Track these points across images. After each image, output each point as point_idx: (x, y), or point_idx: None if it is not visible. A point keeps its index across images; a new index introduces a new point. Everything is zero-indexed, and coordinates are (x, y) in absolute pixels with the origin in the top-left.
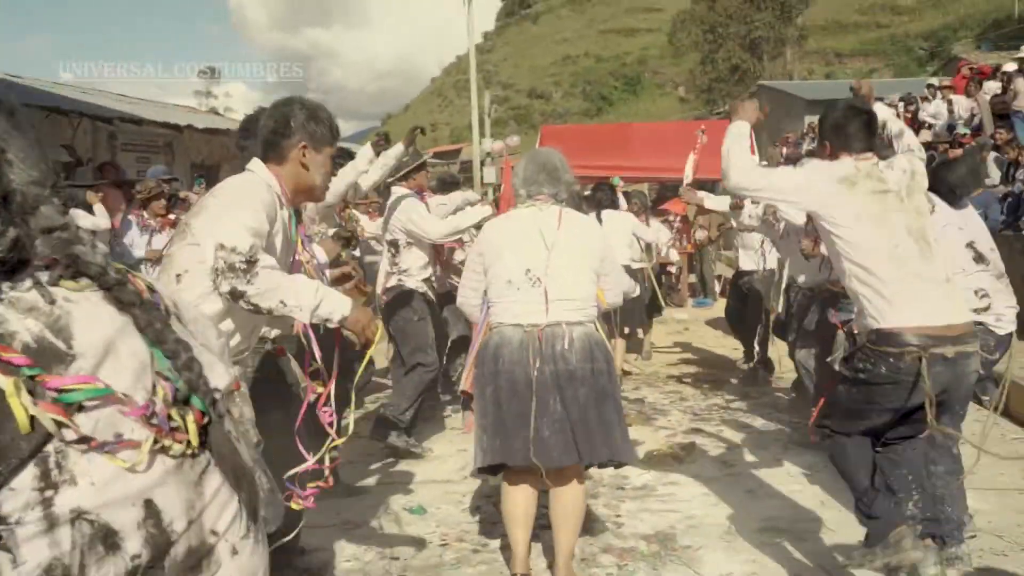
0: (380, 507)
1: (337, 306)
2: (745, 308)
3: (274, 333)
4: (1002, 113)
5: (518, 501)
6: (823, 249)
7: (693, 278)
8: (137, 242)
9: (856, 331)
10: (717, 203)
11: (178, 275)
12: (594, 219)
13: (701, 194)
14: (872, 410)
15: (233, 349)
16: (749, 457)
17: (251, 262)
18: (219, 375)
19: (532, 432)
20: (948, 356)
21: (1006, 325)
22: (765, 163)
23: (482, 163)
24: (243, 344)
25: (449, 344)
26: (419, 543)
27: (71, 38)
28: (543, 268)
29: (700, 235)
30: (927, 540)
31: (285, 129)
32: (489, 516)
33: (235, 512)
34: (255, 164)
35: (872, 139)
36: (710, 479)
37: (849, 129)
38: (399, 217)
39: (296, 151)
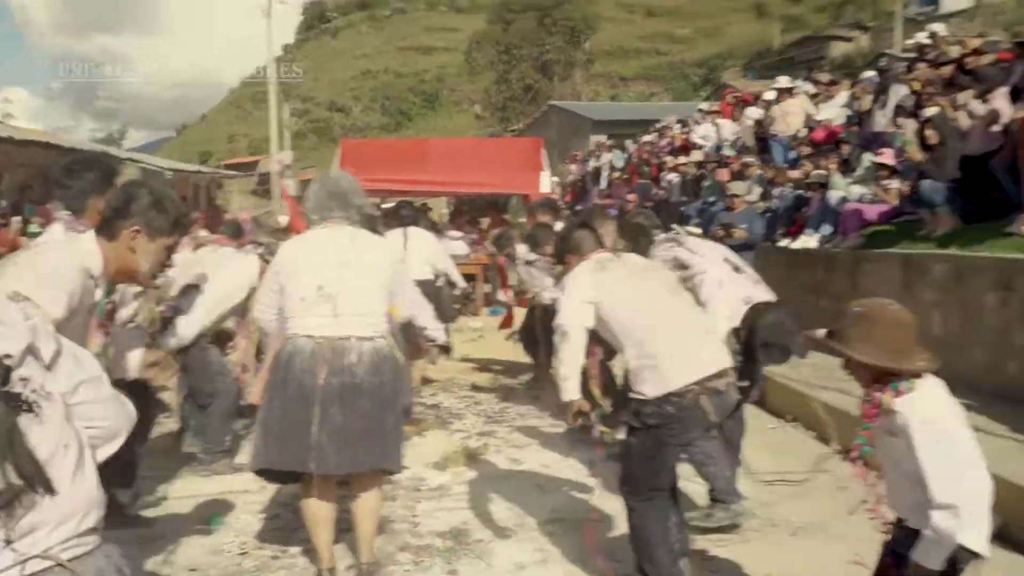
0: (178, 521)
1: None
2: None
3: None
4: (762, 136)
5: (318, 505)
6: None
7: (488, 287)
8: None
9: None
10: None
11: None
12: (385, 239)
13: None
14: (665, 451)
15: None
16: (538, 455)
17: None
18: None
19: (312, 439)
20: (720, 389)
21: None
22: (556, 179)
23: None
24: None
25: None
26: (217, 553)
27: None
28: (335, 285)
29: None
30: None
31: (124, 209)
32: (288, 523)
33: None
34: (88, 239)
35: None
36: (502, 477)
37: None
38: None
39: (128, 233)
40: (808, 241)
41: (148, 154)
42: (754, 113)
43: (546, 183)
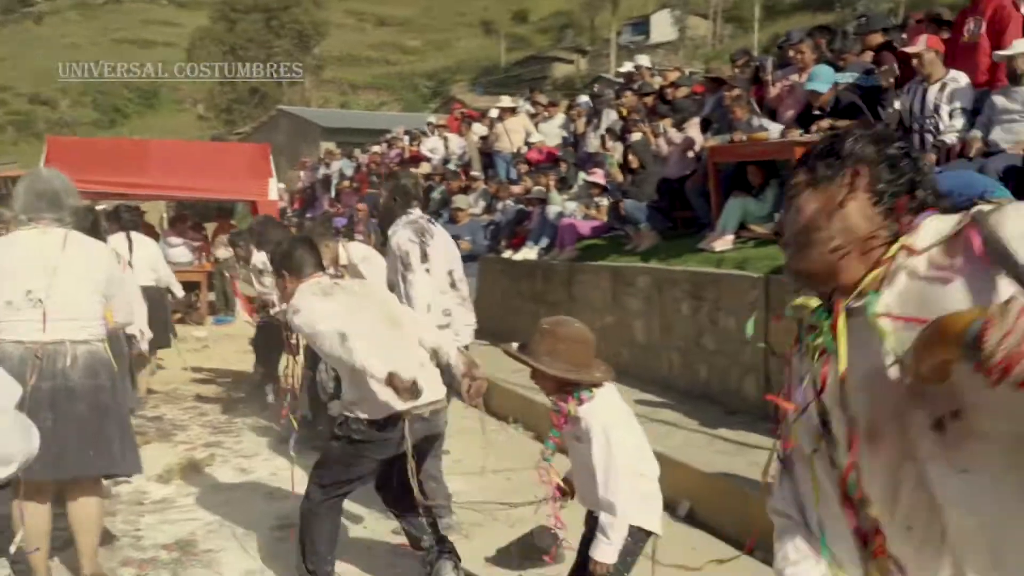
0: None
1: None
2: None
3: None
4: (486, 152)
5: (31, 517)
6: None
7: (213, 296)
8: None
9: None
10: None
11: None
12: (101, 242)
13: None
14: (363, 461)
15: None
16: (266, 464)
17: None
18: None
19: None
20: (425, 416)
21: (464, 339)
22: (283, 186)
23: None
24: None
25: None
26: None
27: None
28: (44, 289)
29: (220, 253)
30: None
31: None
32: None
33: None
34: None
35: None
36: (229, 487)
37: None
38: None
39: None
40: (529, 253)
41: None
42: (479, 129)
43: (274, 190)
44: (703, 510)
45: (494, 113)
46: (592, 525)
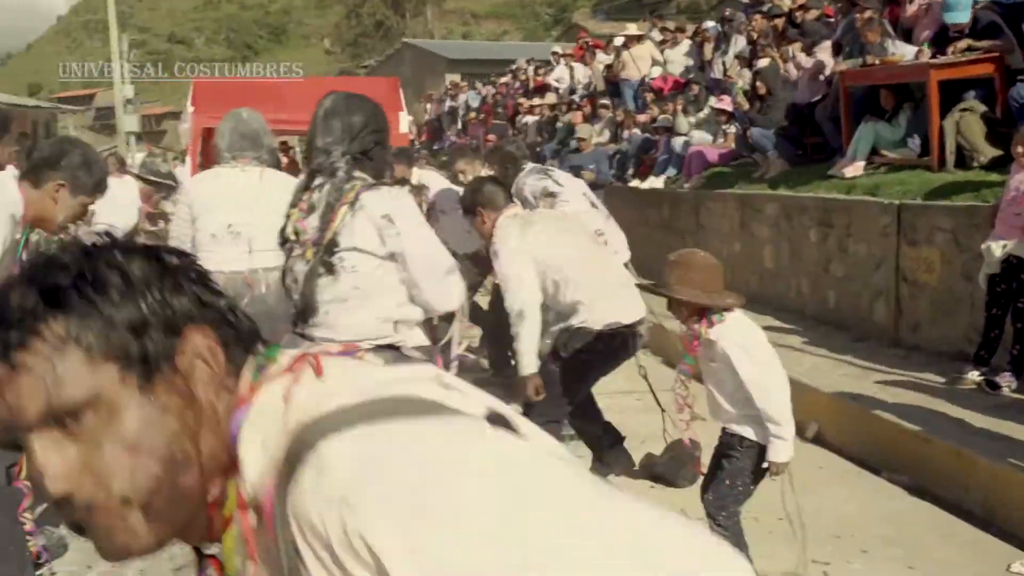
0: None
1: None
2: None
3: None
4: (612, 80)
5: None
6: None
7: None
8: None
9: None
10: None
11: None
12: (290, 177)
13: None
14: (591, 375)
15: None
16: None
17: None
18: None
19: None
20: (642, 333)
21: (624, 255)
22: (411, 119)
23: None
24: None
25: None
26: None
27: None
28: (245, 223)
29: None
30: None
31: (55, 162)
32: None
33: None
34: (8, 179)
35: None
36: None
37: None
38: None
39: (53, 185)
40: (655, 181)
41: None
42: (604, 58)
43: (405, 123)
44: (830, 432)
45: (619, 41)
46: (725, 441)
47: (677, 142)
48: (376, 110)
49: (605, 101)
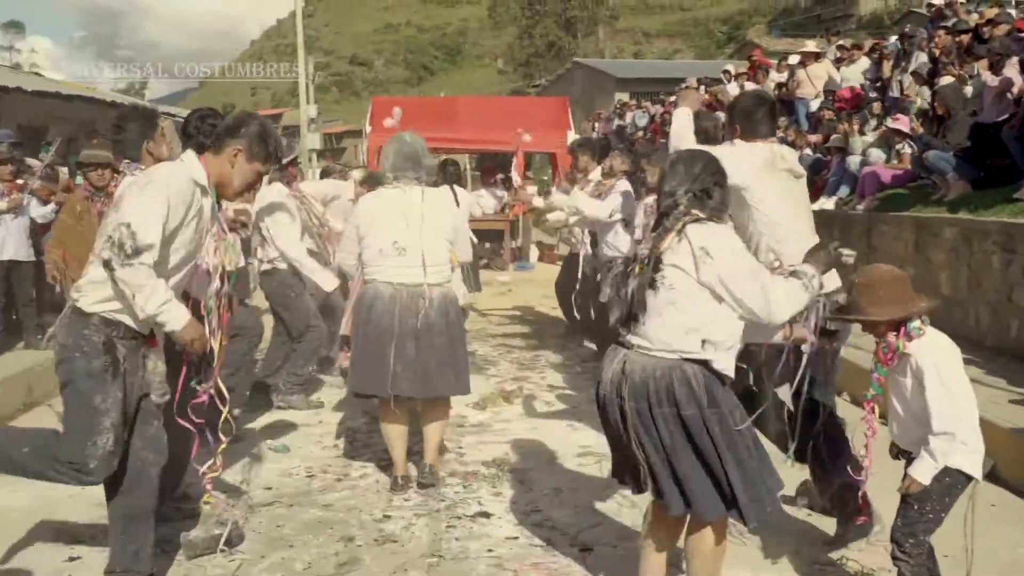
0: (250, 448)
1: (172, 320)
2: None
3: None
4: (785, 99)
5: (392, 425)
6: None
7: (515, 243)
8: None
9: None
10: (540, 202)
11: (98, 249)
12: (450, 194)
13: (530, 193)
14: None
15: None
16: (568, 397)
17: (137, 252)
18: None
19: (390, 369)
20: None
21: None
22: (579, 137)
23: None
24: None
25: None
26: (287, 475)
27: None
28: (407, 240)
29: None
30: None
31: (235, 130)
32: (346, 452)
33: None
34: (188, 156)
35: (775, 125)
36: (536, 416)
37: (757, 115)
38: (264, 216)
39: (231, 151)
40: (826, 203)
41: (173, 106)
42: (777, 76)
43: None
44: (1007, 469)
45: (794, 59)
46: (908, 462)
47: (852, 162)
48: (711, 157)
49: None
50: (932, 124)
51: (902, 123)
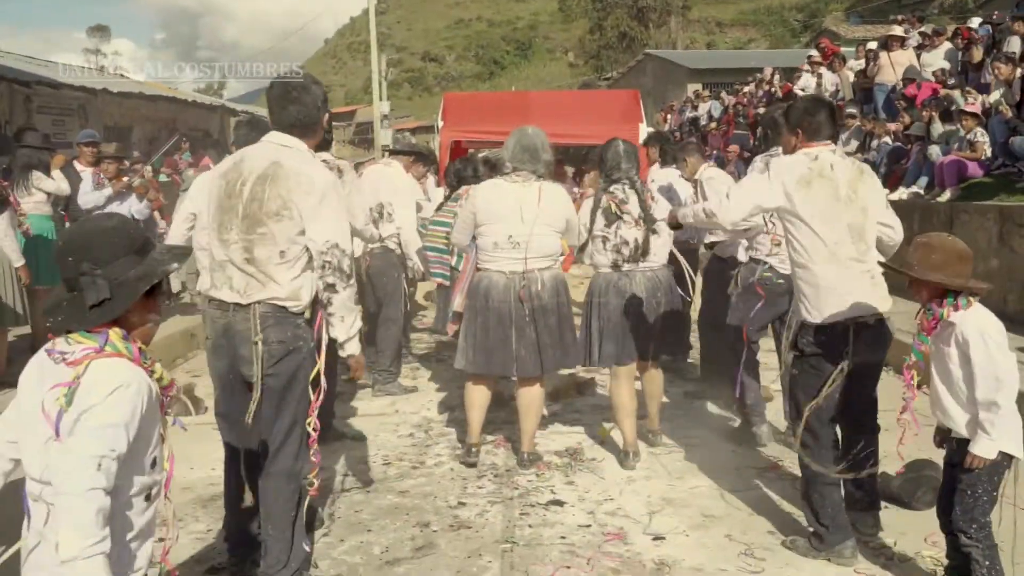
0: (328, 436)
1: (355, 344)
2: None
3: None
4: (865, 87)
5: (477, 392)
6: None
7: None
8: (88, 194)
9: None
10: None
11: (282, 251)
12: (564, 191)
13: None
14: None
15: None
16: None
17: (350, 272)
18: None
19: (513, 353)
20: (870, 323)
21: None
22: (651, 130)
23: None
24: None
25: None
26: (363, 463)
27: None
28: (522, 236)
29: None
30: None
31: (322, 107)
32: (421, 441)
33: None
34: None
35: (835, 129)
36: (606, 408)
37: (818, 119)
38: (387, 193)
39: (322, 125)
40: (905, 192)
41: (251, 104)
42: (856, 64)
43: (643, 134)
44: None
45: (872, 45)
46: (954, 448)
47: (933, 150)
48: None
49: (852, 110)
50: (1018, 109)
51: (975, 107)
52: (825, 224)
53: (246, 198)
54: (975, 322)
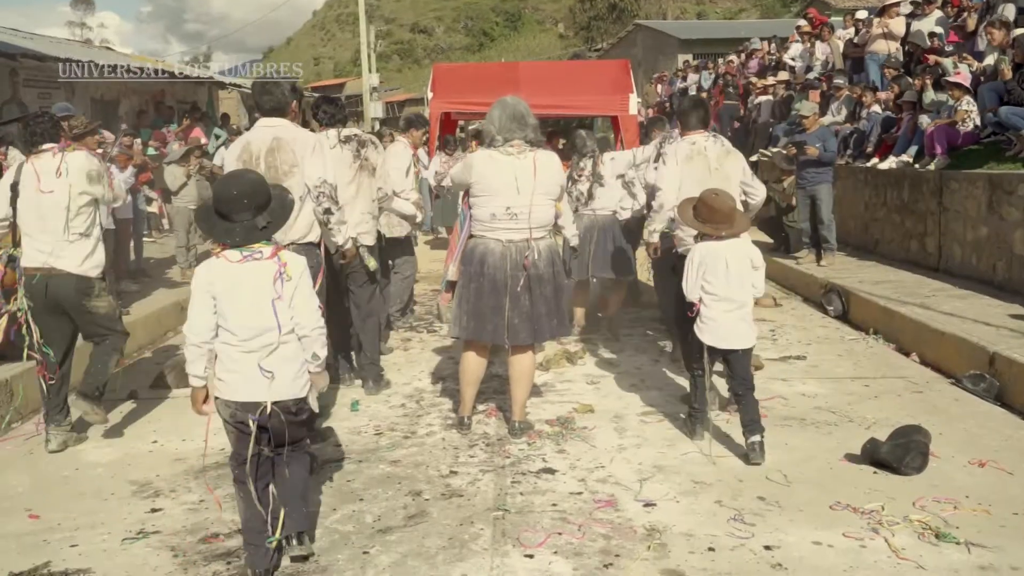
0: (320, 406)
1: (348, 244)
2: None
3: None
4: (855, 56)
5: (473, 366)
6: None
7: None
8: None
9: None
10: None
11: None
12: (557, 158)
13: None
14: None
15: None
16: (632, 359)
17: (337, 199)
18: None
19: (505, 320)
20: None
21: None
22: (640, 100)
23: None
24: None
25: None
26: (356, 433)
27: None
28: (519, 207)
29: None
30: None
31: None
32: (413, 411)
33: None
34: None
35: (707, 121)
36: (600, 377)
37: (693, 116)
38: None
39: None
40: (895, 161)
41: (237, 76)
42: (845, 33)
43: (634, 105)
44: None
45: (861, 15)
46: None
47: (923, 119)
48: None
49: (839, 81)
50: (1013, 77)
51: (961, 76)
52: (699, 187)
53: (263, 169)
54: None
